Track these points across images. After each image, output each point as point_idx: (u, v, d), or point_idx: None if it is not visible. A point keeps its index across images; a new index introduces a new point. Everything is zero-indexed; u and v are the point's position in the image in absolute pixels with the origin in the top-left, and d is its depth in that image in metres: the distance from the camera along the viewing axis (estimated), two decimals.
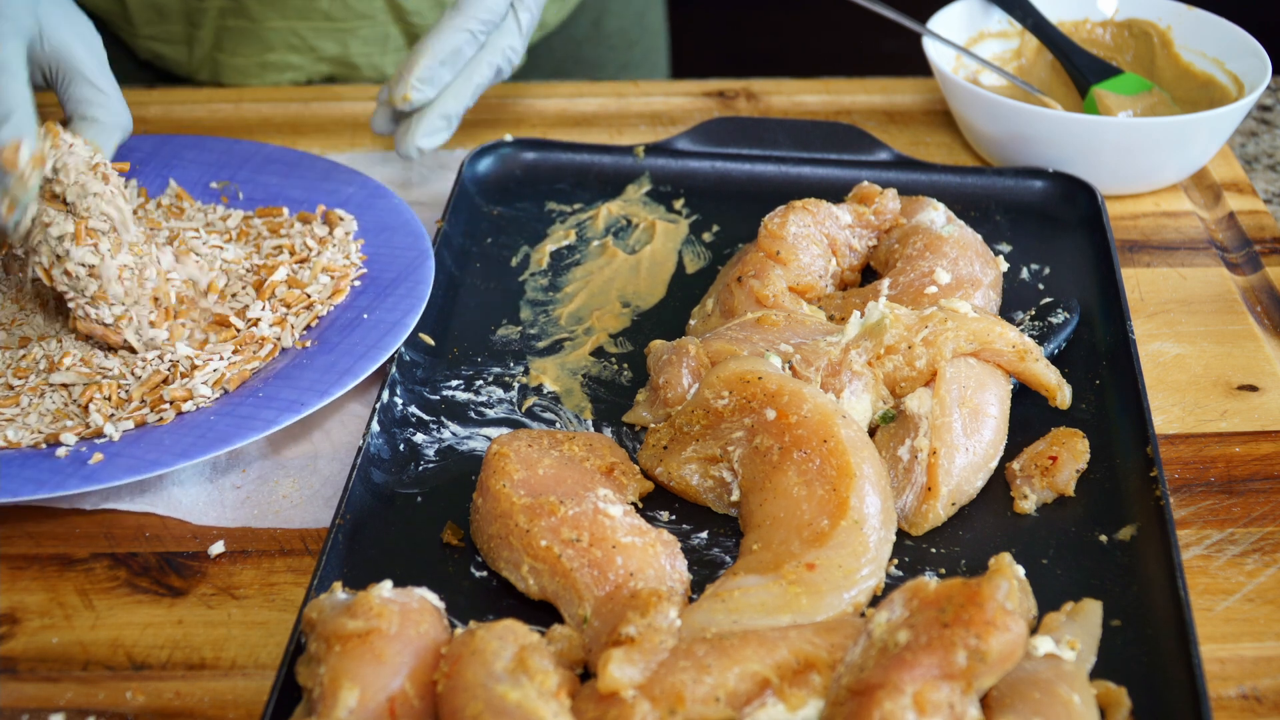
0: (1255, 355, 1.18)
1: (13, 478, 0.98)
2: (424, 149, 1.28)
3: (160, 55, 1.63)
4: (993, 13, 1.48)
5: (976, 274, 1.15)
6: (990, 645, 0.78)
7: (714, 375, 1.01)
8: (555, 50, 1.73)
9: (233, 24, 1.57)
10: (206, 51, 1.60)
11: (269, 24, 1.57)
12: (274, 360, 1.10)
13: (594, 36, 1.76)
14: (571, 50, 1.74)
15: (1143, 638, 0.90)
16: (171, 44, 1.61)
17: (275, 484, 1.06)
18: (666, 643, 0.84)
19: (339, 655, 0.82)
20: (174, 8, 1.57)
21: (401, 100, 1.26)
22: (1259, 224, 1.34)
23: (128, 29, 1.61)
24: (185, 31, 1.59)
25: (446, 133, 1.29)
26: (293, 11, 1.56)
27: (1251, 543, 1.00)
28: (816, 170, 1.36)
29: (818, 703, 0.83)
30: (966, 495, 1.01)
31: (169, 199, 1.28)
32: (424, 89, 1.26)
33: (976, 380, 1.04)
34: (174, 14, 1.58)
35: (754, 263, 1.16)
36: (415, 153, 1.28)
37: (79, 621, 0.95)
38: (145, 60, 1.65)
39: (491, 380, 1.13)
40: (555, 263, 1.27)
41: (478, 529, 0.96)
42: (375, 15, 1.58)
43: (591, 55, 1.77)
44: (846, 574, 0.91)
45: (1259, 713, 0.89)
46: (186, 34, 1.59)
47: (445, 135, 1.29)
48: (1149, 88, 1.40)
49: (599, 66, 1.78)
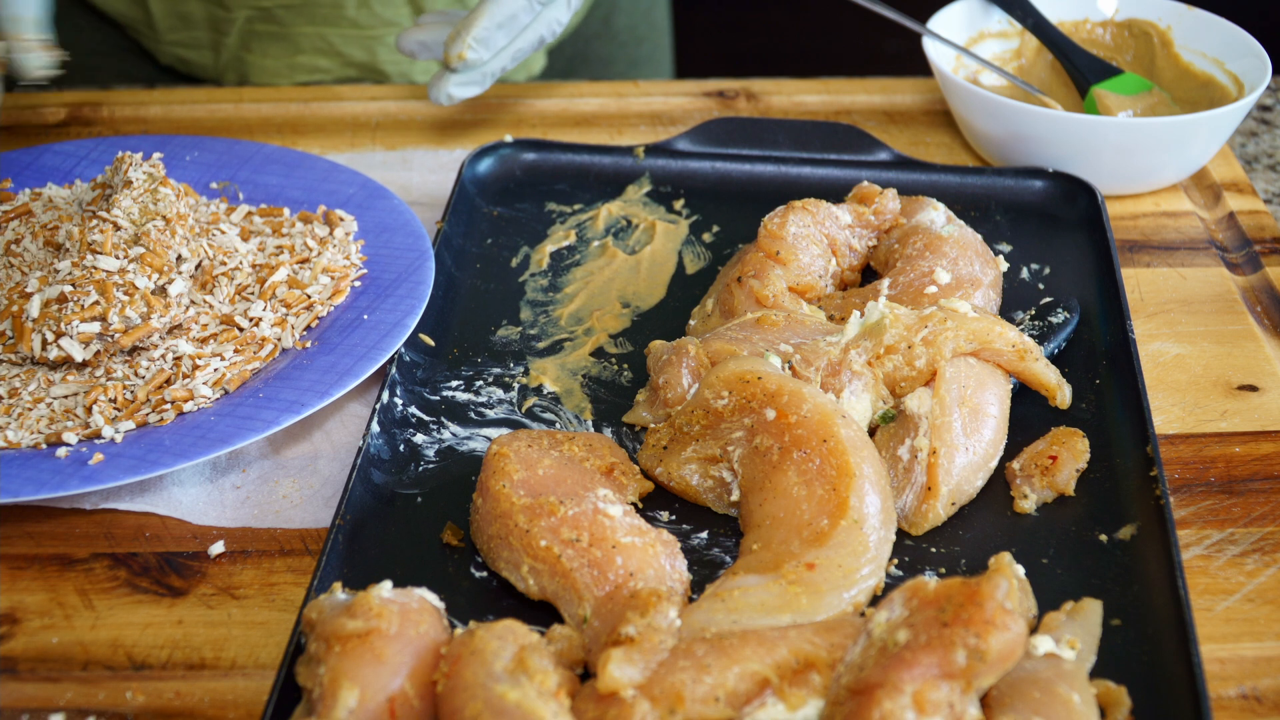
0: (1255, 355, 1.18)
1: (13, 478, 0.98)
2: (455, 98, 1.30)
3: (185, 60, 1.63)
4: (993, 13, 1.48)
5: (976, 274, 1.15)
6: (990, 644, 0.78)
7: (714, 375, 1.01)
8: (565, 48, 1.73)
9: (261, 28, 1.58)
10: (233, 54, 1.60)
11: (296, 29, 1.58)
12: (274, 361, 1.10)
13: (604, 34, 1.77)
14: (581, 47, 1.75)
15: (1143, 637, 0.90)
16: (197, 49, 1.61)
17: (275, 484, 1.06)
18: (666, 643, 0.84)
19: (339, 655, 0.82)
20: (199, 15, 1.58)
21: (456, 58, 1.28)
22: (1259, 224, 1.34)
23: (150, 35, 1.61)
24: (210, 37, 1.60)
25: (480, 88, 1.31)
26: (320, 18, 1.57)
27: (1251, 543, 1.00)
28: (816, 170, 1.36)
29: (817, 702, 0.83)
30: (966, 495, 1.01)
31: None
32: (479, 50, 1.28)
33: (976, 380, 1.04)
34: (199, 21, 1.58)
35: (754, 263, 1.16)
36: (446, 99, 1.31)
37: (79, 621, 0.95)
38: (167, 65, 1.66)
39: (491, 381, 1.13)
40: (555, 263, 1.27)
41: (478, 529, 0.96)
42: (401, 22, 1.59)
43: (601, 52, 1.78)
44: (846, 574, 0.91)
45: (1259, 713, 0.89)
46: (212, 40, 1.60)
47: (478, 90, 1.31)
48: (1149, 88, 1.40)
49: (608, 63, 1.79)
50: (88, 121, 1.51)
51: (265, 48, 1.59)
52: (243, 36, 1.59)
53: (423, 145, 1.47)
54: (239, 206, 1.25)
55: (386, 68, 1.62)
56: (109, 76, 1.65)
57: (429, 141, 1.48)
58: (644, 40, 1.83)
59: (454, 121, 1.51)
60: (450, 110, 1.52)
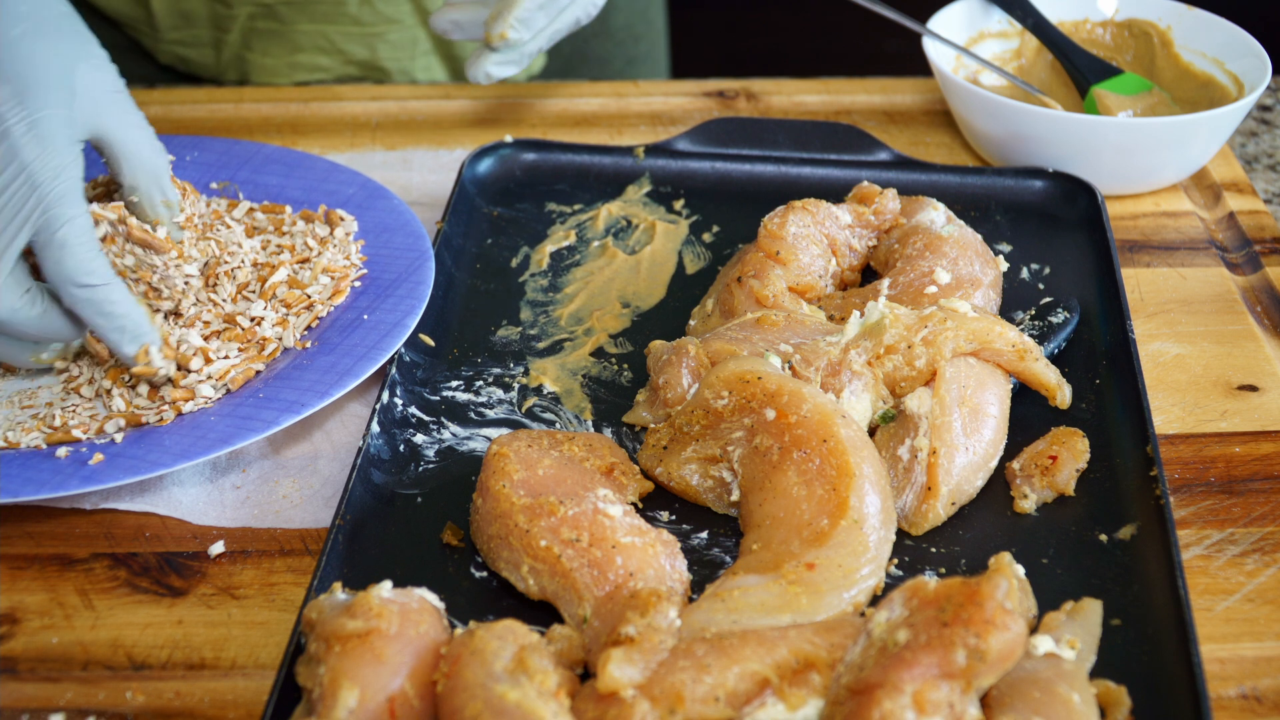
0: (1255, 355, 1.18)
1: (13, 478, 0.98)
2: (493, 77, 1.30)
3: (185, 59, 1.63)
4: (993, 13, 1.48)
5: (976, 274, 1.15)
6: (990, 644, 0.78)
7: (714, 375, 1.01)
8: (563, 47, 1.74)
9: (262, 26, 1.58)
10: (234, 52, 1.60)
11: (298, 27, 1.58)
12: (274, 361, 1.10)
13: (601, 32, 1.77)
14: (579, 46, 1.75)
15: (1143, 637, 0.90)
16: (198, 47, 1.61)
17: (275, 484, 1.06)
18: (666, 643, 0.84)
19: (339, 655, 0.82)
20: (200, 13, 1.58)
21: (498, 38, 1.27)
22: (1259, 224, 1.34)
23: (150, 34, 1.61)
24: (212, 35, 1.60)
25: (517, 68, 1.31)
26: (321, 16, 1.57)
27: (1251, 543, 1.00)
28: (816, 170, 1.36)
29: (817, 702, 0.83)
30: (966, 495, 1.01)
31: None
32: (521, 30, 1.28)
33: (976, 380, 1.04)
34: (200, 19, 1.58)
35: (754, 263, 1.16)
36: (485, 78, 1.30)
37: (79, 621, 0.95)
38: (166, 64, 1.66)
39: (491, 381, 1.13)
40: (555, 263, 1.27)
41: (478, 529, 0.96)
42: (403, 19, 1.59)
43: (599, 51, 1.78)
44: (846, 574, 0.91)
45: (1259, 713, 0.89)
46: (213, 38, 1.60)
47: (515, 70, 1.31)
48: (1149, 88, 1.40)
49: (606, 61, 1.79)
50: None
51: (266, 46, 1.60)
52: (244, 34, 1.59)
53: (423, 145, 1.47)
54: (241, 203, 1.26)
55: (388, 65, 1.62)
56: None
57: (429, 141, 1.48)
58: (640, 39, 1.83)
59: (454, 121, 1.51)
60: (450, 110, 1.52)
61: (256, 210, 1.25)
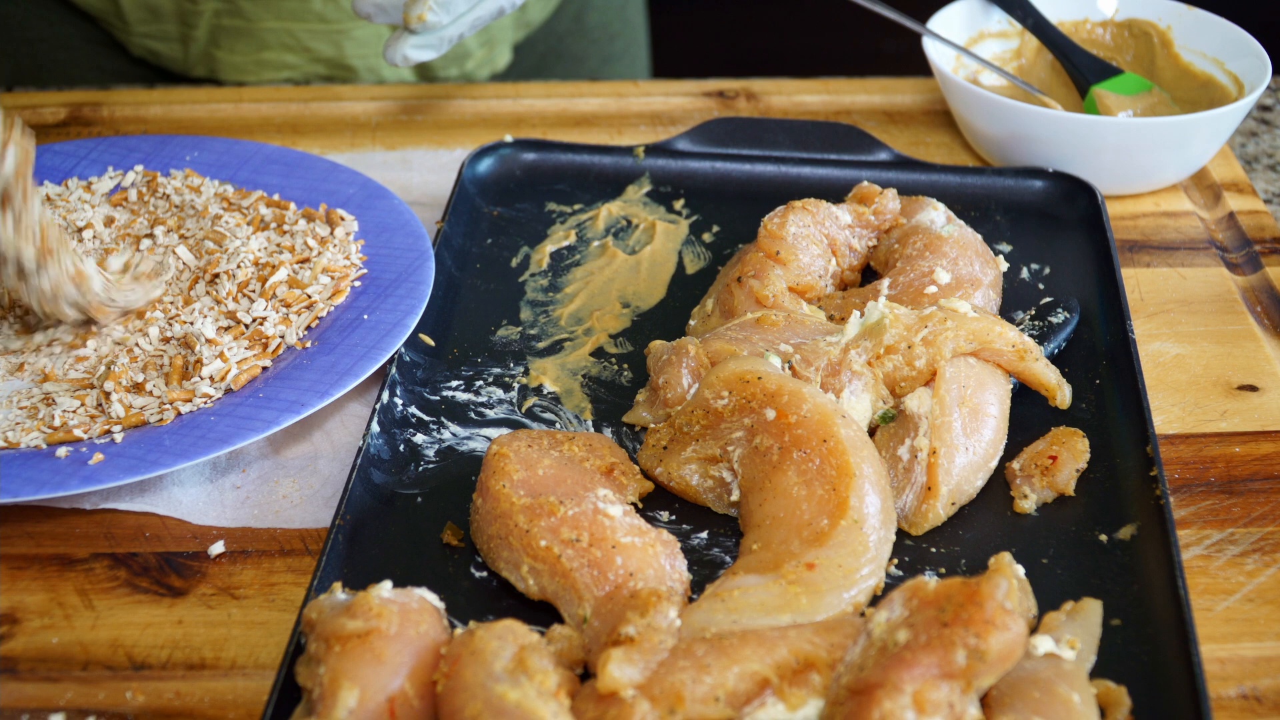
0: (1255, 355, 1.18)
1: (13, 478, 0.98)
2: (410, 60, 1.28)
3: (155, 52, 1.63)
4: (993, 13, 1.48)
5: (976, 274, 1.15)
6: (990, 644, 0.78)
7: (714, 375, 1.01)
8: (538, 45, 1.73)
9: (228, 23, 1.58)
10: (202, 49, 1.60)
11: (263, 24, 1.57)
12: (274, 361, 1.10)
13: (576, 30, 1.77)
14: (554, 44, 1.75)
15: (1143, 637, 0.90)
16: (166, 41, 1.61)
17: (275, 484, 1.06)
18: (666, 643, 0.84)
19: (339, 655, 0.82)
20: (168, 7, 1.57)
21: (416, 20, 1.25)
22: (1259, 224, 1.34)
23: (121, 27, 1.61)
24: (179, 30, 1.60)
25: (436, 52, 1.28)
26: (287, 13, 1.56)
27: (1251, 543, 1.00)
28: (816, 170, 1.36)
29: (817, 702, 0.83)
30: (966, 495, 1.01)
31: (180, 180, 1.28)
32: (440, 12, 1.26)
33: (976, 380, 1.04)
34: (168, 13, 1.58)
35: (754, 263, 1.16)
36: (402, 60, 1.28)
37: (79, 621, 0.95)
38: (139, 57, 1.65)
39: (491, 381, 1.13)
40: (555, 263, 1.27)
41: (478, 529, 0.96)
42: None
43: (574, 49, 1.77)
44: (846, 574, 0.91)
45: (1259, 713, 0.89)
46: (181, 32, 1.60)
47: (434, 54, 1.28)
48: (1149, 88, 1.40)
49: (581, 60, 1.78)
50: (87, 121, 1.51)
51: (232, 43, 1.59)
52: (210, 30, 1.58)
53: (423, 145, 1.47)
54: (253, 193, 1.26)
55: (354, 63, 1.62)
56: (82, 69, 1.65)
57: (429, 141, 1.48)
58: (617, 37, 1.82)
59: (454, 121, 1.51)
60: (450, 110, 1.52)
61: (263, 201, 1.25)
